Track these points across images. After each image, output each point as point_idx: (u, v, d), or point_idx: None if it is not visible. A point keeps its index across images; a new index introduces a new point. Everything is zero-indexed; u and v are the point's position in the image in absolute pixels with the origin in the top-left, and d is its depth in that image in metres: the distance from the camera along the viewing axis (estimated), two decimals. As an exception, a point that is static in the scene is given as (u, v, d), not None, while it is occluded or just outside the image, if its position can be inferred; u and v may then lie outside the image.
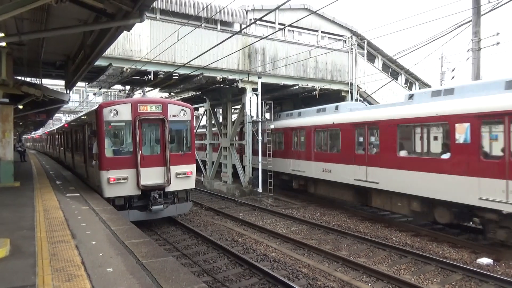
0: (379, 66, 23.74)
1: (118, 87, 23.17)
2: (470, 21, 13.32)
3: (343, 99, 21.34)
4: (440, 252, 9.57)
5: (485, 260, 8.78)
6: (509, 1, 11.87)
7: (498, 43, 14.34)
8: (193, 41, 15.89)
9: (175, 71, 15.66)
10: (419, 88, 24.86)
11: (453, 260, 8.88)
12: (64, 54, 12.92)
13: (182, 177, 11.91)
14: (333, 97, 21.47)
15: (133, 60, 14.97)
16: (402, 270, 8.43)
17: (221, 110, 23.72)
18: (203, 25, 16.40)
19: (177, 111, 12.08)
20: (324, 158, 15.21)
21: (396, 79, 24.11)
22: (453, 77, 27.01)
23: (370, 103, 21.41)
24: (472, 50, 13.35)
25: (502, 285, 7.41)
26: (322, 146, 15.81)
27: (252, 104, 17.67)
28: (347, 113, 14.48)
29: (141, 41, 15.20)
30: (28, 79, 15.24)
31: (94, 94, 33.05)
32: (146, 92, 22.78)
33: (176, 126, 12.25)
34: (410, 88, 25.09)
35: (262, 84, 18.13)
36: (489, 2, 12.40)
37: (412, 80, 25.48)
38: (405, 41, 77.05)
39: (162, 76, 15.84)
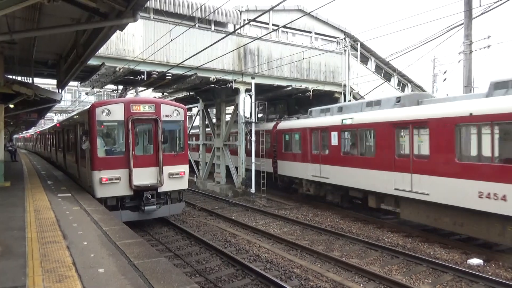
0: (372, 68, 23.88)
1: (111, 86, 23.05)
2: (462, 24, 13.47)
3: (336, 100, 21.44)
4: (431, 253, 9.65)
5: (475, 261, 8.87)
6: (500, 5, 12.02)
7: (489, 46, 14.50)
8: (186, 41, 15.86)
9: (169, 71, 15.60)
10: (412, 90, 25.05)
11: (444, 260, 8.96)
12: (56, 53, 12.80)
13: (175, 177, 11.88)
14: (327, 98, 21.57)
15: (126, 59, 14.89)
16: (394, 270, 8.49)
17: (214, 111, 23.69)
18: (197, 25, 16.37)
19: (170, 111, 12.04)
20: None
21: (389, 81, 24.27)
22: (445, 79, 27.34)
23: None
24: (463, 53, 13.49)
25: (492, 285, 7.49)
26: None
27: (246, 104, 17.68)
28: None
29: (135, 41, 15.13)
30: (19, 78, 15.08)
31: (87, 93, 32.83)
32: (139, 92, 22.65)
33: (169, 126, 12.21)
34: (402, 90, 25.27)
35: (256, 84, 18.14)
36: (480, 6, 12.55)
37: (404, 82, 25.67)
38: (398, 43, 77.62)
39: (156, 76, 15.77)
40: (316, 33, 22.04)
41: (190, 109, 28.21)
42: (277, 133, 18.52)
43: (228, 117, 21.65)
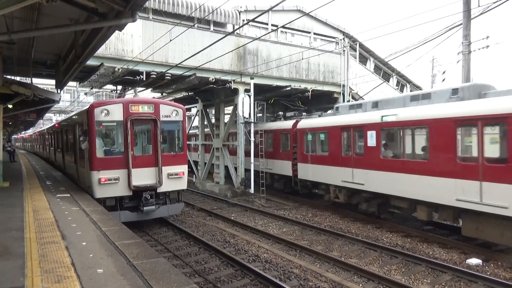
0: (371, 68, 23.91)
1: (110, 87, 22.99)
2: (461, 24, 13.49)
3: (335, 100, 21.48)
4: (430, 253, 9.66)
5: (474, 261, 8.88)
6: (499, 5, 12.04)
7: (488, 46, 14.54)
8: (185, 41, 15.85)
9: (168, 71, 15.59)
10: (411, 90, 25.09)
11: (443, 260, 8.96)
12: (55, 53, 12.79)
13: (174, 177, 11.87)
14: (326, 98, 21.60)
15: (125, 60, 14.87)
16: (393, 270, 8.50)
17: (213, 111, 23.70)
18: (196, 25, 16.36)
19: (169, 112, 12.04)
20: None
21: (388, 81, 24.31)
22: (443, 80, 27.41)
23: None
24: (462, 53, 13.50)
25: (491, 285, 7.50)
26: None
27: (245, 105, 17.67)
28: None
29: (133, 41, 15.11)
30: (18, 78, 15.06)
31: (85, 94, 32.74)
32: (138, 92, 22.63)
33: (168, 126, 12.21)
34: (401, 90, 25.31)
35: (255, 85, 18.15)
36: (479, 6, 12.57)
37: (403, 82, 25.71)
38: (397, 43, 77.73)
39: (154, 76, 15.76)
40: (315, 34, 22.06)
41: (189, 110, 28.18)
42: (297, 132, 16.78)
43: (227, 118, 21.65)
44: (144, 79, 15.66)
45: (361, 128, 12.78)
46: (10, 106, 14.05)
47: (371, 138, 12.23)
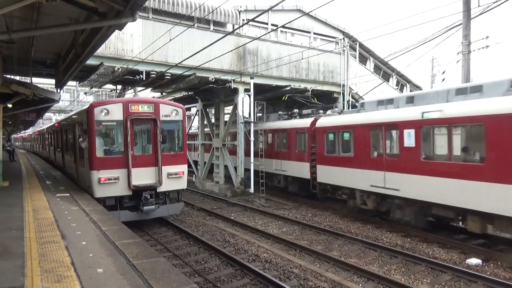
0: (371, 68, 23.92)
1: (110, 86, 22.99)
2: (461, 24, 13.49)
3: (335, 100, 21.47)
4: (430, 253, 9.66)
5: (474, 261, 8.89)
6: (498, 5, 12.04)
7: (487, 46, 14.56)
8: (185, 41, 15.86)
9: (167, 71, 15.59)
10: (410, 90, 25.10)
11: (442, 260, 8.97)
12: (55, 52, 12.77)
13: (174, 177, 11.87)
14: (325, 98, 21.60)
15: (125, 59, 14.87)
16: (393, 270, 8.50)
17: (213, 111, 23.69)
18: (195, 25, 16.36)
19: (169, 111, 12.04)
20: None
21: (388, 81, 24.31)
22: (443, 80, 27.42)
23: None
24: (462, 53, 13.50)
25: (490, 285, 7.50)
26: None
27: (245, 104, 17.67)
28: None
29: (133, 41, 15.11)
30: (18, 78, 15.04)
31: (85, 93, 32.74)
32: (138, 92, 22.60)
33: (168, 126, 12.22)
34: (401, 90, 25.33)
35: (255, 84, 18.16)
36: (478, 6, 12.58)
37: (403, 82, 25.72)
38: (397, 43, 77.73)
39: (154, 75, 15.76)
40: (315, 33, 22.07)
41: (189, 109, 28.17)
42: (316, 131, 15.24)
43: (227, 117, 21.66)
44: (144, 78, 15.66)
45: (396, 126, 11.33)
46: (9, 105, 14.03)
47: (409, 138, 10.74)
